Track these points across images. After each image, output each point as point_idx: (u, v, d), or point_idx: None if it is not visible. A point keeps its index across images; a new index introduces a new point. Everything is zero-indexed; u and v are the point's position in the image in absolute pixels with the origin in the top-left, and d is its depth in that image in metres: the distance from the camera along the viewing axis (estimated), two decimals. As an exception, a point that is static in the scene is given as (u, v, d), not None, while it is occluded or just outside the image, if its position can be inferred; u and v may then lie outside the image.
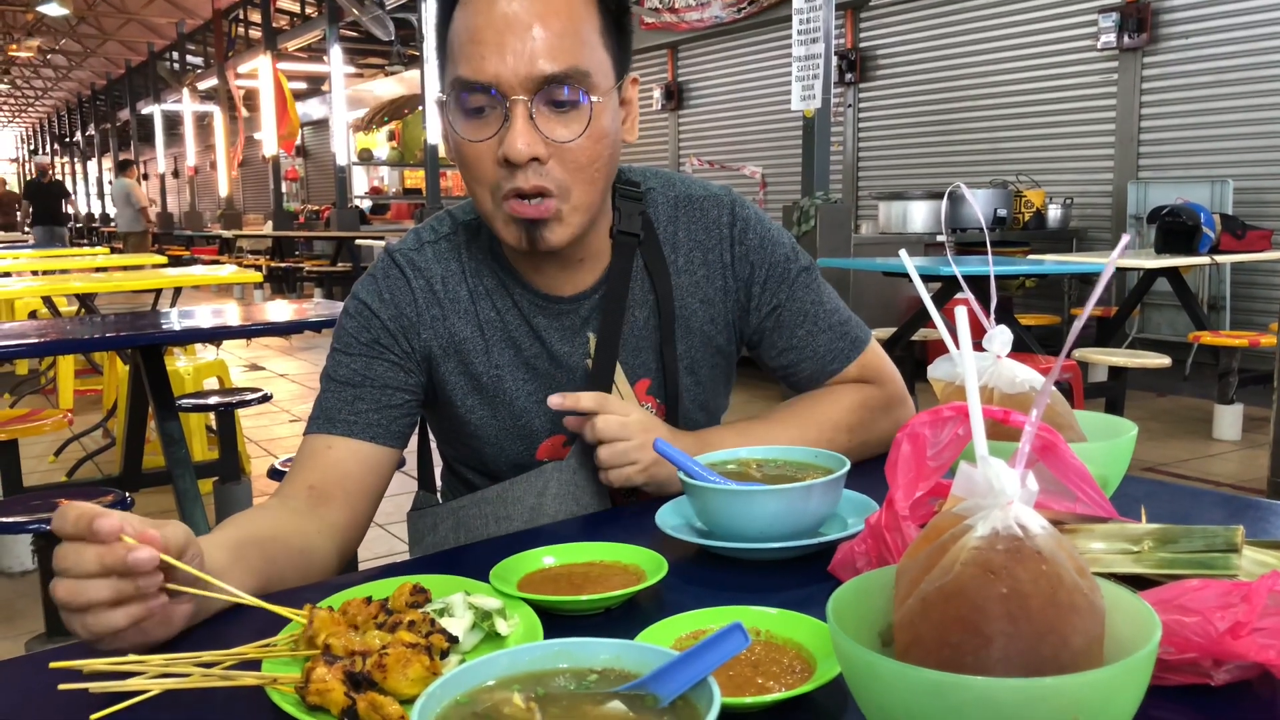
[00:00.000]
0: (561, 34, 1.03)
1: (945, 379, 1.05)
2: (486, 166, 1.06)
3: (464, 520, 1.20)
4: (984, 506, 0.58)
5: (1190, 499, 1.11)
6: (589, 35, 1.06)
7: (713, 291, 1.24)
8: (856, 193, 9.50)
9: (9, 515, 2.54)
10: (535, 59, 1.02)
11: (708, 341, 1.26)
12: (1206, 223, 5.37)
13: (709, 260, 1.24)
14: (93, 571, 0.71)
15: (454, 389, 1.20)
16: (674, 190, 1.26)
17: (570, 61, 1.03)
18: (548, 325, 1.20)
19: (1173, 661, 0.64)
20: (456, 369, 1.20)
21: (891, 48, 9.11)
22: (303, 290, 13.69)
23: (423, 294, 1.18)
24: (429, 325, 1.18)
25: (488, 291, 1.20)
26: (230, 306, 4.10)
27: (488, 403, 1.21)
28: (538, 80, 1.02)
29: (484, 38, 1.02)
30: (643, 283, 1.22)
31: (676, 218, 1.25)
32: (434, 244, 1.21)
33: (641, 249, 1.22)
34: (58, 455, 4.92)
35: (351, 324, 1.18)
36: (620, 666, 0.59)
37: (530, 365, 1.21)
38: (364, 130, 15.99)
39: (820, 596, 0.63)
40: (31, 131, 43.23)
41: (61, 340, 2.87)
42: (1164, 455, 4.82)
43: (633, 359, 1.23)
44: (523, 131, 1.03)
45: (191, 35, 19.58)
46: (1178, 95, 6.90)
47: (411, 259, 1.20)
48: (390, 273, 1.20)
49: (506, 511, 1.17)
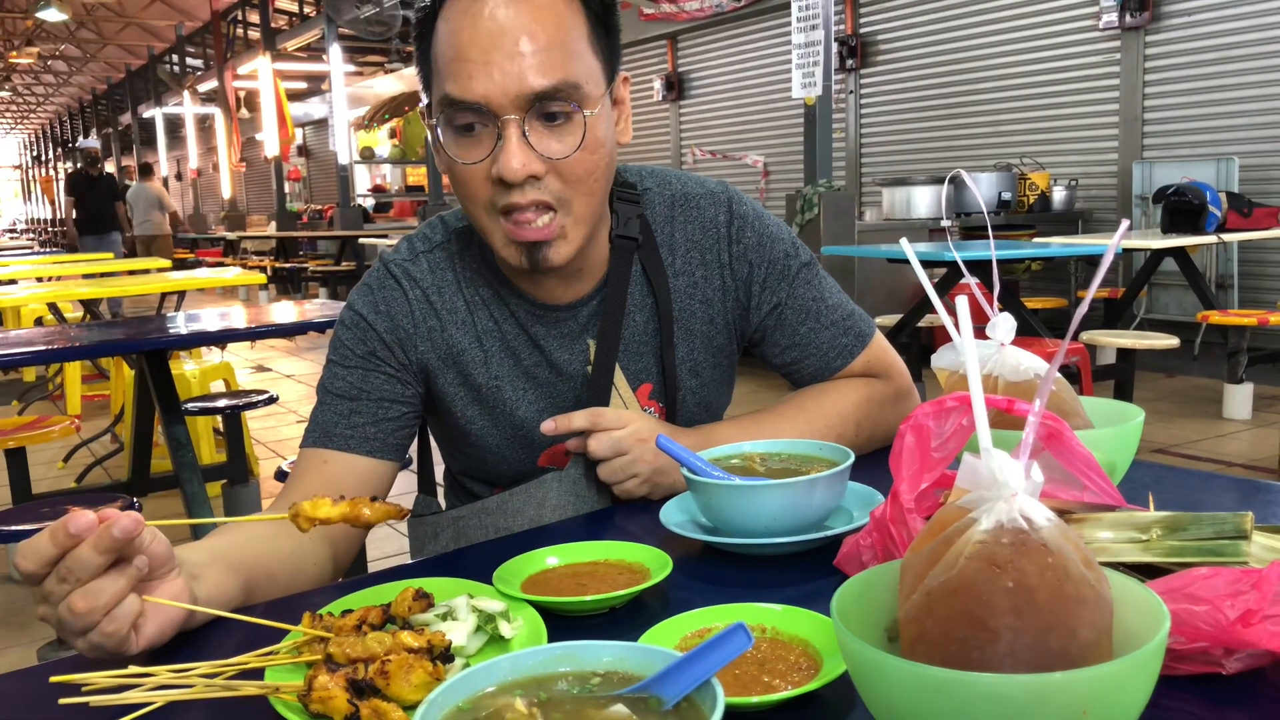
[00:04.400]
0: (549, 46, 1.00)
1: (949, 368, 1.04)
2: (481, 185, 1.04)
3: (464, 530, 1.19)
4: (988, 499, 0.57)
5: (1199, 483, 1.10)
6: (576, 44, 1.03)
7: (712, 291, 1.23)
8: (860, 179, 9.47)
9: (19, 523, 2.55)
10: (524, 76, 0.99)
11: (708, 342, 1.24)
12: (1213, 201, 5.34)
13: (706, 260, 1.22)
14: (98, 564, 0.71)
15: (454, 400, 1.19)
16: (670, 189, 1.24)
17: (560, 75, 1.00)
18: (546, 334, 1.19)
19: (1183, 651, 0.63)
20: (456, 380, 1.19)
21: (892, 32, 9.06)
22: (307, 290, 13.70)
23: (419, 305, 1.17)
24: (426, 337, 1.17)
25: (484, 302, 1.19)
26: (235, 309, 4.10)
27: (488, 413, 1.20)
28: (528, 97, 0.99)
29: (470, 55, 0.99)
30: (641, 286, 1.21)
31: (673, 218, 1.23)
32: (428, 254, 1.20)
33: (639, 253, 1.20)
34: (66, 461, 4.94)
35: (348, 335, 1.17)
36: (623, 669, 0.58)
37: (530, 374, 1.19)
38: (365, 128, 15.98)
39: (826, 591, 0.62)
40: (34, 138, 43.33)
41: (67, 347, 2.87)
42: (1174, 436, 4.80)
43: (634, 364, 1.21)
44: (517, 151, 1.00)
45: (190, 37, 19.58)
46: (1181, 74, 6.86)
47: (407, 269, 1.18)
48: (386, 283, 1.18)
49: (507, 523, 1.16)
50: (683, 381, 1.23)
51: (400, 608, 0.77)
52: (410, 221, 14.37)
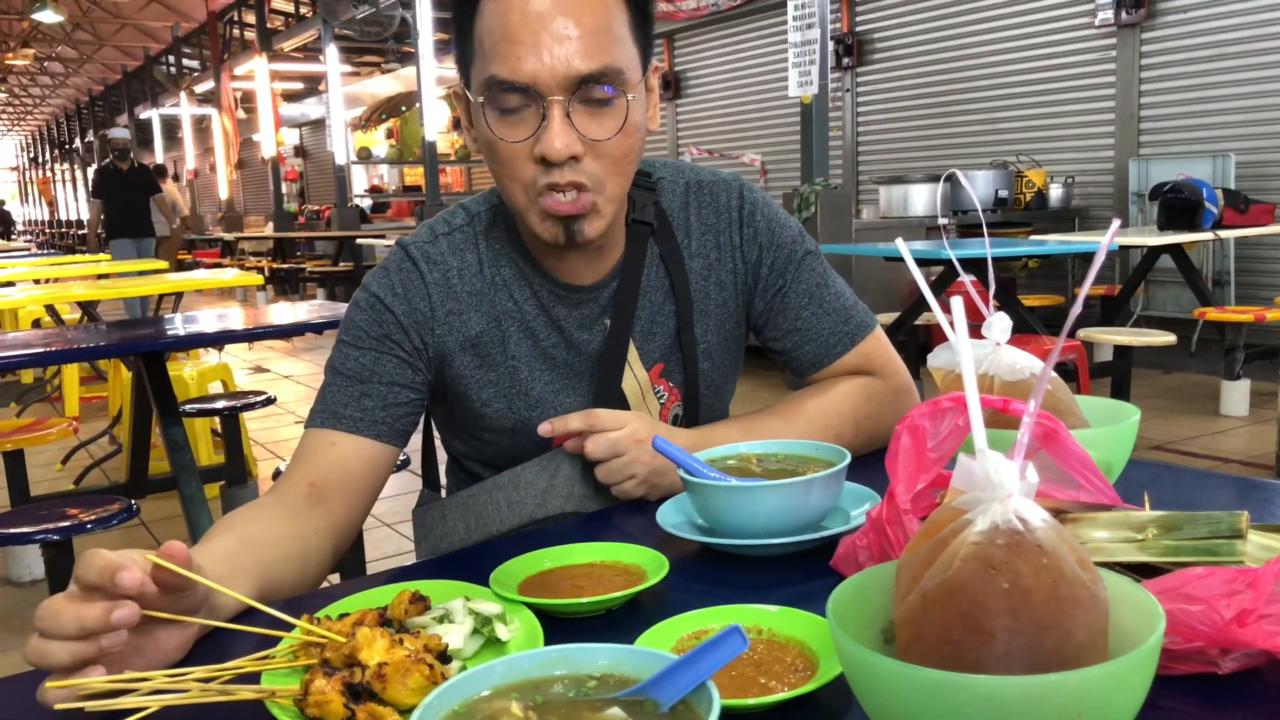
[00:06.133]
0: (596, 31, 1.02)
1: (945, 367, 1.04)
2: (522, 164, 1.06)
3: (474, 508, 1.19)
4: (983, 500, 0.57)
5: (1195, 482, 1.10)
6: (620, 30, 1.05)
7: (725, 274, 1.26)
8: (857, 177, 9.47)
9: (17, 525, 2.54)
10: (571, 58, 1.01)
11: (720, 325, 1.27)
12: (1209, 198, 5.34)
13: (720, 243, 1.25)
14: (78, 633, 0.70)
15: (469, 383, 1.20)
16: (684, 177, 1.28)
17: (605, 60, 1.03)
18: (566, 315, 1.20)
19: (1178, 651, 0.64)
20: (472, 363, 1.19)
21: (888, 31, 9.06)
22: (305, 291, 13.69)
23: (437, 289, 1.17)
24: (443, 320, 1.17)
25: (505, 282, 1.20)
26: (233, 310, 4.09)
27: (503, 395, 1.20)
28: (574, 80, 1.02)
29: (519, 36, 1.01)
30: (658, 269, 1.23)
31: (688, 203, 1.26)
32: (448, 235, 1.20)
33: (655, 237, 1.23)
34: (65, 463, 4.93)
35: (362, 317, 1.17)
36: (619, 672, 0.59)
37: (547, 355, 1.20)
38: (362, 129, 15.98)
39: (823, 591, 0.62)
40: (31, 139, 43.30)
41: (65, 350, 2.87)
42: (1171, 433, 4.81)
43: (647, 343, 1.23)
44: (560, 131, 1.02)
45: (187, 39, 19.55)
46: (1177, 70, 6.86)
47: (426, 251, 1.19)
48: (404, 266, 1.18)
49: (519, 495, 1.16)
50: (698, 364, 1.25)
51: (397, 610, 0.77)
52: (408, 221, 14.36)
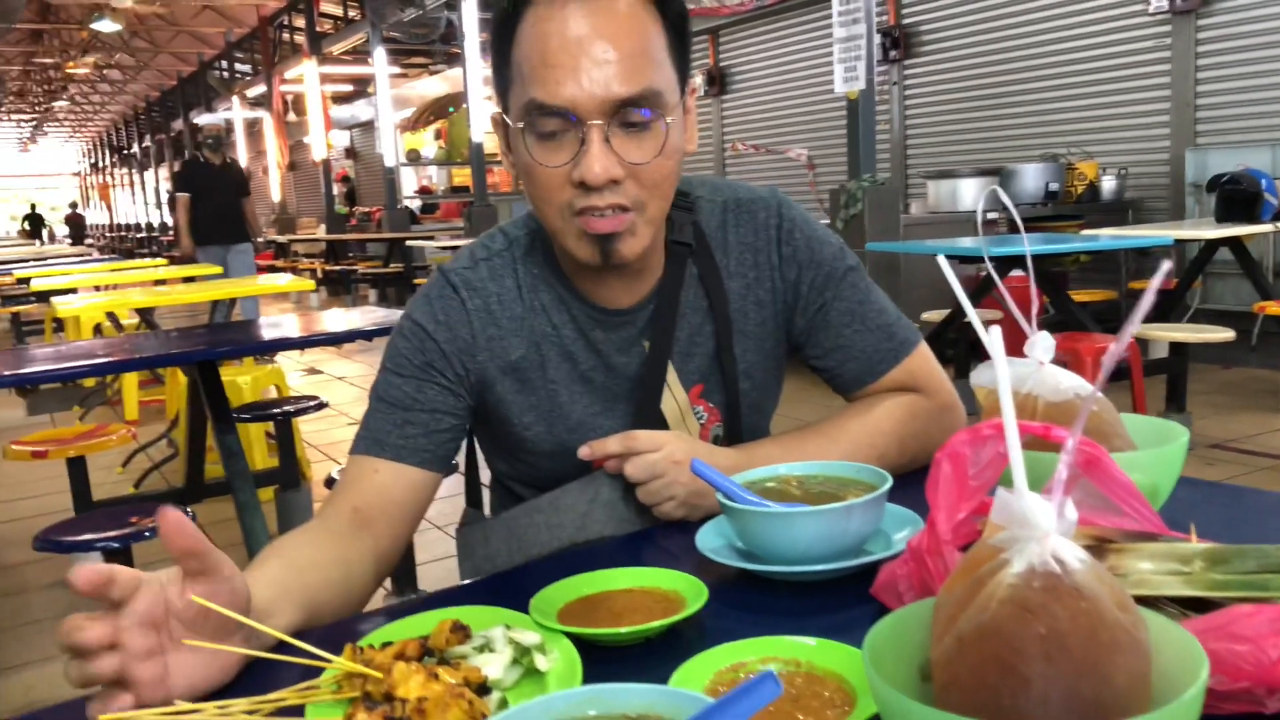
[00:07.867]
0: (634, 54, 1.02)
1: (989, 385, 1.03)
2: (560, 189, 1.06)
3: (515, 530, 1.21)
4: (1020, 539, 0.57)
5: (1245, 504, 1.08)
6: (658, 53, 1.05)
7: (764, 293, 1.25)
8: (905, 172, 9.37)
9: (79, 533, 2.61)
10: (610, 82, 1.01)
11: (760, 344, 1.26)
12: (1268, 189, 5.21)
13: (759, 262, 1.24)
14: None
15: (510, 407, 1.21)
16: (721, 196, 1.27)
17: (644, 83, 1.03)
18: (605, 338, 1.20)
19: (1224, 691, 0.62)
20: (513, 387, 1.20)
21: (936, 23, 8.95)
22: (357, 293, 13.85)
23: (479, 315, 1.18)
24: (485, 347, 1.19)
25: (544, 307, 1.20)
26: (288, 317, 4.16)
27: (544, 419, 1.21)
28: (614, 104, 1.02)
29: (559, 60, 1.01)
30: (696, 290, 1.23)
31: (725, 222, 1.25)
32: (488, 261, 1.21)
33: (693, 257, 1.22)
34: (125, 466, 5.05)
35: (405, 345, 1.18)
36: (654, 713, 0.59)
37: (586, 378, 1.21)
38: (411, 130, 16.13)
39: (862, 621, 0.62)
40: (92, 145, 44.34)
41: (125, 360, 2.93)
42: (1231, 430, 4.70)
43: (686, 364, 1.23)
44: (600, 156, 1.02)
45: (239, 44, 19.90)
46: (1234, 58, 6.69)
47: (466, 278, 1.20)
48: (445, 293, 1.20)
49: (559, 519, 1.17)
50: (739, 384, 1.25)
51: (438, 640, 0.78)
52: (456, 222, 14.46)
